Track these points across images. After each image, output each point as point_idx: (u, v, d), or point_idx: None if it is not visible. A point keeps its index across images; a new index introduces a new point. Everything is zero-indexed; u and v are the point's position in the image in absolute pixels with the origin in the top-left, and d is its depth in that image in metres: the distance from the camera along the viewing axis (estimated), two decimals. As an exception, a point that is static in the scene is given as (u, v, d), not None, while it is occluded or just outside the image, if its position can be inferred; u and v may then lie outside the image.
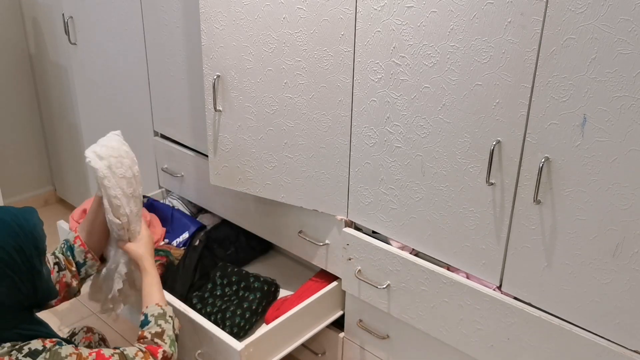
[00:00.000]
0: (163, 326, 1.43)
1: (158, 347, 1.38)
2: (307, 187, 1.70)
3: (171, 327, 1.45)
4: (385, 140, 1.49)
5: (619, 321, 1.22)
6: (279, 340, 1.65)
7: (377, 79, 1.45)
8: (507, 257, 1.36)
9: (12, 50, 2.92)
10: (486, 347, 1.43)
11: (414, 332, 1.62)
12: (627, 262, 1.17)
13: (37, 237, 1.30)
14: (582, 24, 1.09)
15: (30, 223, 1.29)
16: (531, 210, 1.28)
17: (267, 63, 1.60)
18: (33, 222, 1.31)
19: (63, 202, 3.23)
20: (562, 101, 1.16)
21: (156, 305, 1.47)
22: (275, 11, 1.53)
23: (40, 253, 1.31)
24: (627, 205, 1.14)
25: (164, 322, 1.44)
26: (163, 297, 1.52)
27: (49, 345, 1.26)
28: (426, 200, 1.47)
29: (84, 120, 2.63)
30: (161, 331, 1.42)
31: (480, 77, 1.27)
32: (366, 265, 1.64)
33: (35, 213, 1.35)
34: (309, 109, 1.59)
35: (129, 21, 2.13)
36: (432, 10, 1.29)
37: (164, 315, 1.46)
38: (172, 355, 1.40)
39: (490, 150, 1.29)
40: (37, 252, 1.29)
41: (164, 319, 1.45)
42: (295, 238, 1.83)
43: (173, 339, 1.43)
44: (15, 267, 1.24)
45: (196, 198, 2.17)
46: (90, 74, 2.45)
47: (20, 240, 1.25)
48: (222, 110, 1.71)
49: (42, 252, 1.32)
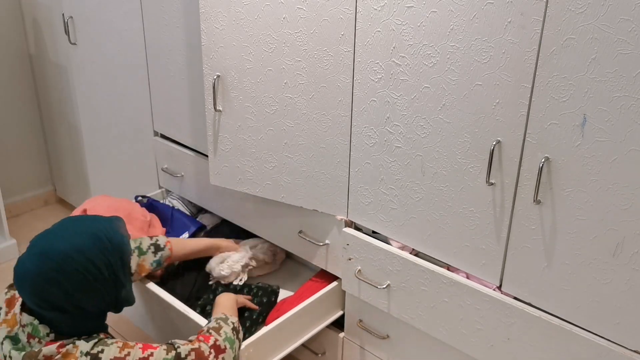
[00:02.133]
0: (222, 324, 1.45)
1: (210, 336, 1.39)
2: (307, 187, 1.70)
3: (230, 330, 1.45)
4: (385, 140, 1.49)
5: (619, 321, 1.22)
6: (279, 341, 1.65)
7: (377, 79, 1.45)
8: (507, 257, 1.36)
9: (12, 50, 2.92)
10: (486, 347, 1.43)
11: (414, 332, 1.62)
12: (627, 262, 1.17)
13: (124, 250, 1.35)
14: (582, 24, 1.09)
15: (119, 237, 1.34)
16: (531, 210, 1.28)
17: (267, 63, 1.60)
18: (121, 235, 1.35)
19: (63, 202, 3.23)
20: (562, 101, 1.16)
21: (221, 313, 1.52)
22: (275, 11, 1.53)
23: (125, 265, 1.35)
24: (627, 205, 1.14)
25: (223, 323, 1.46)
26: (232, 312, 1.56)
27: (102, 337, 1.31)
28: (426, 200, 1.47)
29: (84, 120, 2.63)
30: (218, 327, 1.44)
31: (480, 77, 1.27)
32: (366, 265, 1.64)
33: (123, 225, 1.40)
34: (309, 109, 1.59)
35: (129, 21, 2.13)
36: (432, 10, 1.29)
37: (225, 320, 1.48)
38: (225, 349, 1.39)
39: (490, 150, 1.29)
40: (122, 265, 1.34)
41: (223, 322, 1.47)
42: (295, 238, 1.83)
43: (231, 338, 1.43)
44: (103, 280, 1.29)
45: (196, 198, 2.17)
46: (90, 74, 2.45)
47: (109, 254, 1.30)
48: (222, 110, 1.71)
49: (126, 264, 1.36)
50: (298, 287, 1.86)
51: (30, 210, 3.18)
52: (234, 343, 1.43)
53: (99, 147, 2.59)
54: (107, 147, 2.54)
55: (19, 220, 3.07)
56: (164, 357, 1.30)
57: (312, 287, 1.79)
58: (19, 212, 3.14)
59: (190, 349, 1.33)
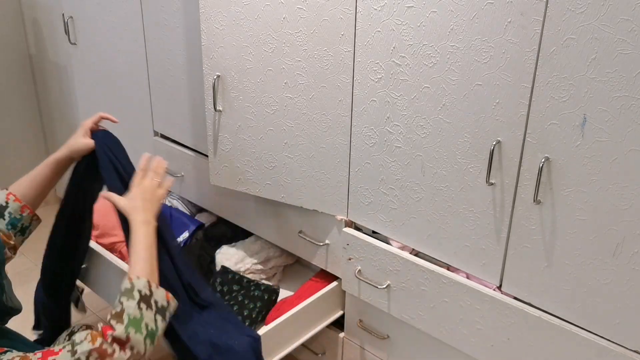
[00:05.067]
0: (124, 304, 1.19)
1: (109, 329, 1.16)
2: (307, 187, 1.70)
3: (134, 304, 1.20)
4: (385, 140, 1.49)
5: (619, 321, 1.21)
6: (279, 340, 1.65)
7: (377, 79, 1.45)
8: (507, 257, 1.36)
9: (12, 50, 2.92)
10: (486, 347, 1.43)
11: (414, 332, 1.62)
12: (627, 262, 1.17)
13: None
14: (582, 24, 1.09)
15: None
16: (531, 210, 1.28)
17: (267, 63, 1.60)
18: None
19: (63, 202, 3.23)
20: (562, 101, 1.16)
21: (127, 280, 1.24)
22: (275, 11, 1.53)
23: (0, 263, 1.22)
24: (627, 205, 1.14)
25: (126, 300, 1.20)
26: (145, 264, 1.27)
27: None
28: (426, 200, 1.47)
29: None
30: (120, 311, 1.19)
31: (480, 77, 1.27)
32: (366, 265, 1.64)
33: None
34: (309, 109, 1.59)
35: (129, 21, 2.13)
36: (432, 10, 1.29)
37: (130, 291, 1.21)
38: (129, 337, 1.16)
39: (490, 150, 1.29)
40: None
41: (128, 295, 1.21)
42: (295, 238, 1.83)
43: (136, 317, 1.19)
44: None
45: (196, 198, 2.17)
46: (90, 74, 2.45)
47: None
48: (222, 110, 1.71)
49: (1, 262, 1.23)
50: (298, 287, 1.86)
51: (30, 210, 3.18)
52: (140, 321, 1.19)
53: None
54: (107, 147, 2.53)
55: (19, 220, 3.07)
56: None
57: (312, 287, 1.79)
58: (19, 212, 3.14)
59: (90, 350, 1.13)
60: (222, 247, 1.98)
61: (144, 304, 1.21)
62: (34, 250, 2.78)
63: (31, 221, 1.50)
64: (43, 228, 1.43)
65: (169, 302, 1.26)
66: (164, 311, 1.24)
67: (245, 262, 1.93)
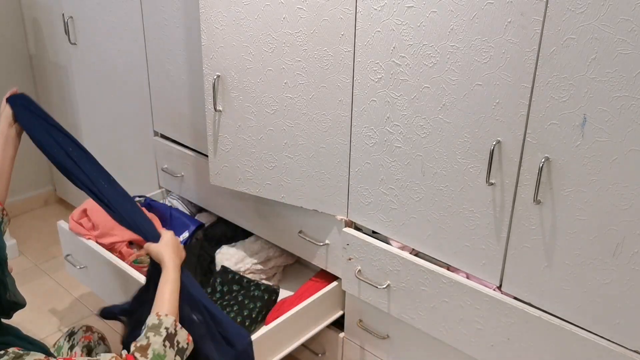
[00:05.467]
0: (151, 339, 1.24)
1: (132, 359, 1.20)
2: (307, 187, 1.70)
3: (161, 341, 1.25)
4: (385, 140, 1.49)
5: (619, 321, 1.22)
6: (279, 340, 1.65)
7: (377, 79, 1.45)
8: (507, 257, 1.36)
9: (12, 50, 2.92)
10: (486, 347, 1.43)
11: (414, 332, 1.62)
12: (627, 262, 1.17)
13: None
14: (582, 24, 1.09)
15: None
16: (531, 210, 1.28)
17: (267, 63, 1.60)
18: None
19: (63, 202, 3.23)
20: (562, 101, 1.16)
21: (155, 315, 1.30)
22: (275, 11, 1.53)
23: (2, 262, 1.26)
24: (627, 205, 1.14)
25: (153, 335, 1.25)
26: (171, 304, 1.33)
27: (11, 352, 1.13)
28: (426, 200, 1.47)
29: (84, 120, 2.63)
30: (146, 345, 1.23)
31: (480, 77, 1.27)
32: (366, 265, 1.64)
33: None
34: (309, 109, 1.59)
35: (129, 21, 2.13)
36: (432, 10, 1.29)
37: (157, 327, 1.27)
38: None
39: (490, 150, 1.29)
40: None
41: (155, 331, 1.26)
42: (295, 238, 1.83)
43: (161, 353, 1.23)
44: None
45: (196, 198, 2.17)
46: (90, 74, 2.46)
47: None
48: (222, 110, 1.71)
49: (3, 261, 1.26)
50: (298, 287, 1.86)
51: (30, 210, 3.18)
52: (163, 359, 1.23)
53: (99, 147, 2.59)
54: (107, 147, 2.54)
55: (19, 220, 3.07)
56: None
57: (312, 287, 1.79)
58: (19, 212, 3.14)
59: None
60: (222, 247, 1.98)
61: (168, 342, 1.25)
62: (34, 250, 2.79)
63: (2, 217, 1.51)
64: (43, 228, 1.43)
65: (188, 345, 1.30)
66: (183, 352, 1.28)
67: (245, 262, 1.93)
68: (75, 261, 1.99)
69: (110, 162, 2.56)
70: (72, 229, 1.96)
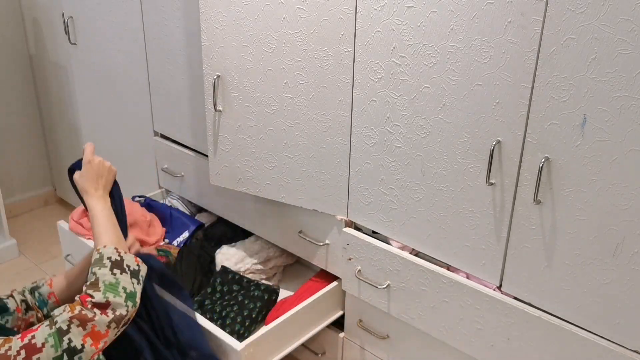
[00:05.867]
0: (97, 273, 1.22)
1: (87, 296, 1.18)
2: (307, 187, 1.70)
3: (107, 271, 1.22)
4: (385, 140, 1.49)
5: (619, 321, 1.22)
6: (279, 340, 1.65)
7: (377, 79, 1.45)
8: (507, 257, 1.36)
9: (12, 50, 2.92)
10: (486, 347, 1.43)
11: (414, 332, 1.62)
12: (627, 262, 1.17)
13: None
14: (582, 24, 1.09)
15: None
16: (531, 210, 1.28)
17: (267, 63, 1.60)
18: None
19: (63, 202, 3.23)
20: (562, 101, 1.16)
21: (95, 251, 1.27)
22: (275, 11, 1.53)
23: None
24: (627, 205, 1.14)
25: (98, 269, 1.23)
26: (107, 236, 1.30)
27: None
28: (426, 200, 1.47)
29: (84, 120, 2.63)
30: (95, 280, 1.21)
31: (480, 77, 1.27)
32: (366, 265, 1.64)
33: None
34: (309, 109, 1.59)
35: (129, 21, 2.13)
36: (432, 10, 1.29)
37: (100, 260, 1.24)
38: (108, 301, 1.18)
39: (490, 150, 1.29)
40: None
41: (99, 265, 1.23)
42: (295, 238, 1.83)
43: (112, 282, 1.21)
44: None
45: (196, 198, 2.17)
46: (90, 74, 2.46)
47: None
48: (222, 110, 1.71)
49: None
50: (298, 287, 1.86)
51: (30, 210, 3.18)
52: (117, 286, 1.22)
53: (99, 147, 2.58)
54: (107, 147, 2.54)
55: (19, 220, 3.07)
56: (48, 333, 1.14)
57: (312, 287, 1.79)
58: (19, 212, 3.14)
59: (70, 317, 1.16)
60: (222, 247, 1.98)
61: (117, 269, 1.24)
62: (34, 250, 2.79)
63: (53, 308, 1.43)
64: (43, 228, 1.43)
65: (139, 266, 1.30)
66: (137, 274, 1.27)
67: (245, 262, 1.93)
68: (75, 261, 1.99)
69: (111, 162, 2.57)
70: (72, 229, 1.96)
